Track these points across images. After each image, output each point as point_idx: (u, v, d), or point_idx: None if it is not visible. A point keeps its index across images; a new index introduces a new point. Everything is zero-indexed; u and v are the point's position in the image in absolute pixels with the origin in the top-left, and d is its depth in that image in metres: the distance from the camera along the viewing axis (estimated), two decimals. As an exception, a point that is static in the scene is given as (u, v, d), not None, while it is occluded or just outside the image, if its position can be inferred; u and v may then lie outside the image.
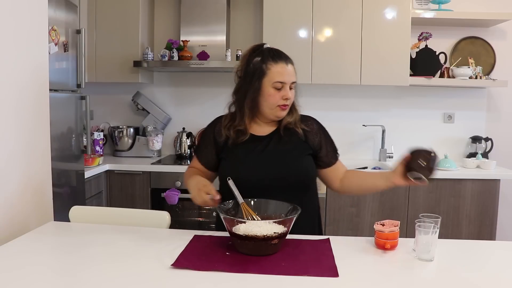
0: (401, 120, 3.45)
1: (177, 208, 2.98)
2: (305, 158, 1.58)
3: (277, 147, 1.57)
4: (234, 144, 1.57)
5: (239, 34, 3.43)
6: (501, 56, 3.37)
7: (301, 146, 1.58)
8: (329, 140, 1.65)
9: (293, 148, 1.57)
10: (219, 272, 1.16)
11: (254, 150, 1.56)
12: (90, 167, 2.85)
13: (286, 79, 1.51)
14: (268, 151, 1.56)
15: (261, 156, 1.55)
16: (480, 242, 1.42)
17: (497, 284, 1.14)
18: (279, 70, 1.51)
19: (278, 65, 1.51)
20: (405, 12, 3.05)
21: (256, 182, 1.50)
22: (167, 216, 1.64)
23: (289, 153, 1.56)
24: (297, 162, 1.55)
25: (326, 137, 1.64)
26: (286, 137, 1.58)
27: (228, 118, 1.61)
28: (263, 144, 1.58)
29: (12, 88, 1.65)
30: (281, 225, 1.29)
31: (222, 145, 1.60)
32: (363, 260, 1.28)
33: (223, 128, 1.59)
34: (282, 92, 1.51)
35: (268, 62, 1.51)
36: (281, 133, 1.58)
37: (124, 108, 3.60)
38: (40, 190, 1.83)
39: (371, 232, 1.43)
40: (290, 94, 1.52)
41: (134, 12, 3.18)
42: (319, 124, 1.66)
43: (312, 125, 1.63)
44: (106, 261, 1.25)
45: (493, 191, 2.89)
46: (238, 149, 1.57)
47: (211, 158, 1.63)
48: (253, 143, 1.58)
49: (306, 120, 1.64)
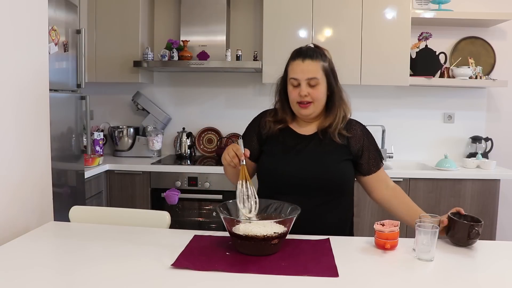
0: (401, 120, 3.45)
1: (177, 208, 2.98)
2: (343, 163, 1.56)
3: (317, 148, 1.56)
4: (273, 135, 1.60)
5: (239, 34, 3.43)
6: (501, 56, 3.37)
7: (341, 150, 1.57)
8: (373, 147, 1.62)
9: (333, 152, 1.56)
10: (219, 272, 1.16)
11: (294, 148, 1.57)
12: (90, 167, 2.85)
13: (299, 76, 1.51)
14: (307, 150, 1.56)
15: (300, 155, 1.56)
16: (480, 242, 1.42)
17: (498, 284, 1.14)
18: (294, 67, 1.53)
19: (294, 62, 1.53)
20: (405, 12, 3.05)
21: (291, 179, 1.51)
22: (167, 216, 1.64)
23: (327, 156, 1.55)
24: (334, 165, 1.54)
25: (370, 143, 1.62)
26: (327, 140, 1.57)
27: (273, 112, 1.64)
28: (304, 143, 1.58)
29: (12, 88, 1.65)
30: (281, 225, 1.29)
31: (265, 138, 1.62)
32: (363, 260, 1.28)
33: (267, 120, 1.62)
34: (298, 89, 1.52)
35: (290, 60, 1.56)
36: (319, 136, 1.58)
37: (124, 108, 3.60)
38: (40, 190, 1.83)
39: (371, 232, 1.43)
40: (306, 91, 1.50)
41: (134, 12, 3.18)
42: (364, 130, 1.63)
43: (356, 130, 1.61)
44: (106, 261, 1.24)
45: (493, 191, 2.89)
46: (278, 144, 1.59)
47: (253, 148, 1.62)
48: (294, 140, 1.59)
49: (350, 125, 1.62)
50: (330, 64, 1.57)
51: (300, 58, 1.52)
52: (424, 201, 2.88)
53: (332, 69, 1.58)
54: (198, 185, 2.97)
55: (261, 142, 1.63)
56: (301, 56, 1.53)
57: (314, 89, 1.52)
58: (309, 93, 1.51)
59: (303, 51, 1.54)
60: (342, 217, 1.60)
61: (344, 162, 1.57)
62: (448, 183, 2.88)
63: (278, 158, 1.56)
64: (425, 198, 2.89)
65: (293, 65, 1.54)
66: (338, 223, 1.57)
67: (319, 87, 1.53)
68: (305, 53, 1.53)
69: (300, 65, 1.52)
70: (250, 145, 1.63)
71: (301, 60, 1.52)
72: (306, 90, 1.51)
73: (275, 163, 1.54)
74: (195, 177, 2.97)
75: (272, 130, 1.61)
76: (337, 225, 1.56)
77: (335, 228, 1.54)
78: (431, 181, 2.88)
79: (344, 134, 1.57)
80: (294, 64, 1.53)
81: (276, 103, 1.65)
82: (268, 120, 1.62)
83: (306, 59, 1.51)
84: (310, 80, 1.51)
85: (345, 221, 1.63)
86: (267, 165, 1.56)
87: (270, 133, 1.61)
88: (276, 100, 1.64)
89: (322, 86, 1.53)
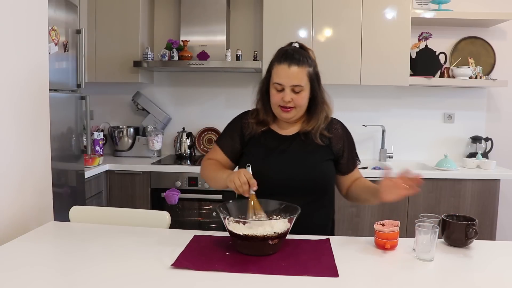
0: (401, 120, 3.45)
1: (177, 208, 2.98)
2: (325, 163, 1.57)
3: (299, 149, 1.56)
4: (255, 137, 1.59)
5: (239, 34, 3.43)
6: (501, 56, 3.37)
7: (323, 150, 1.57)
8: (352, 147, 1.63)
9: (314, 152, 1.56)
10: (219, 272, 1.16)
11: (276, 149, 1.57)
12: (90, 167, 2.85)
13: (284, 81, 1.49)
14: (289, 151, 1.56)
15: (282, 156, 1.55)
16: (480, 242, 1.42)
17: (497, 284, 1.14)
18: (279, 72, 1.50)
19: (280, 66, 1.50)
20: (405, 12, 3.05)
21: (274, 180, 1.50)
22: (167, 216, 1.64)
23: (309, 156, 1.55)
24: (316, 166, 1.55)
25: (349, 143, 1.63)
26: (309, 140, 1.57)
27: (255, 113, 1.63)
28: (286, 144, 1.58)
29: (12, 88, 1.65)
30: (281, 225, 1.29)
31: (247, 139, 1.61)
32: (363, 260, 1.28)
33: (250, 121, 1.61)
34: (282, 94, 1.50)
35: (274, 62, 1.53)
36: (301, 137, 1.58)
37: (124, 108, 3.59)
38: (40, 190, 1.83)
39: (371, 232, 1.43)
40: (289, 97, 1.49)
41: (134, 12, 3.18)
42: (344, 130, 1.64)
43: (337, 130, 1.61)
44: (106, 261, 1.25)
45: (493, 191, 2.89)
46: (261, 145, 1.58)
47: (235, 148, 1.62)
48: (276, 141, 1.59)
49: (332, 125, 1.61)
50: (314, 68, 1.55)
51: (286, 63, 1.49)
52: (424, 201, 2.88)
53: (317, 74, 1.56)
54: (198, 185, 2.97)
55: (243, 143, 1.62)
56: (287, 61, 1.49)
57: (298, 95, 1.50)
58: (293, 99, 1.50)
59: (289, 54, 1.51)
60: (324, 216, 1.61)
61: (327, 162, 1.58)
62: (448, 183, 2.88)
63: (261, 159, 1.54)
64: (425, 198, 2.89)
65: (278, 69, 1.51)
66: (321, 223, 1.58)
67: (302, 93, 1.51)
68: (292, 57, 1.49)
69: (286, 70, 1.49)
70: (232, 145, 1.63)
71: (287, 65, 1.49)
72: (290, 96, 1.50)
73: (257, 165, 1.50)
74: (195, 177, 2.97)
75: (255, 131, 1.60)
76: (320, 224, 1.57)
77: (318, 227, 1.54)
78: (431, 181, 2.88)
79: (326, 135, 1.58)
80: (280, 69, 1.50)
81: (257, 102, 1.63)
82: (251, 121, 1.61)
83: (292, 65, 1.48)
84: (294, 87, 1.49)
85: (327, 220, 1.64)
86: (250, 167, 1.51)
87: (252, 134, 1.60)
88: (257, 99, 1.63)
89: (305, 93, 1.52)
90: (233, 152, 1.63)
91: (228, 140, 1.64)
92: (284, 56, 1.51)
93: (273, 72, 1.52)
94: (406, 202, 2.89)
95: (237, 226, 1.28)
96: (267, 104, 1.59)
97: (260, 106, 1.61)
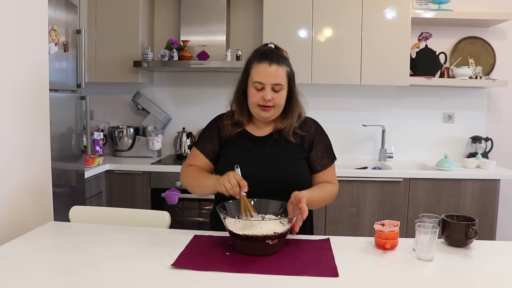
0: (401, 120, 3.45)
1: (177, 208, 2.98)
2: (299, 162, 1.58)
3: (273, 149, 1.57)
4: (230, 138, 1.59)
5: (239, 34, 3.43)
6: (501, 56, 3.37)
7: (296, 149, 1.58)
8: (324, 146, 1.61)
9: (288, 151, 1.57)
10: (219, 272, 1.16)
11: (250, 150, 1.58)
12: (90, 167, 2.85)
13: (265, 80, 1.50)
14: (263, 152, 1.57)
15: (256, 157, 1.56)
16: (480, 242, 1.42)
17: (497, 284, 1.14)
18: (259, 71, 1.51)
19: (260, 65, 1.51)
20: (405, 12, 3.05)
21: (249, 181, 1.46)
22: (167, 216, 1.64)
23: (283, 155, 1.56)
24: (290, 165, 1.55)
25: (320, 141, 1.61)
26: (282, 140, 1.58)
27: (230, 115, 1.63)
28: (260, 144, 1.59)
29: (12, 88, 1.65)
30: (281, 225, 1.29)
31: (223, 142, 1.62)
32: (363, 260, 1.28)
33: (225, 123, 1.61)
34: (262, 93, 1.51)
35: (253, 61, 1.54)
36: (274, 136, 1.58)
37: (124, 108, 3.59)
38: (40, 190, 1.83)
39: (371, 232, 1.43)
40: (270, 96, 1.50)
41: (134, 12, 3.18)
42: (318, 128, 1.64)
43: (310, 128, 1.62)
44: (106, 261, 1.25)
45: (493, 191, 2.89)
46: (235, 147, 1.59)
47: (215, 150, 1.62)
48: (250, 142, 1.59)
49: (305, 123, 1.62)
50: (291, 68, 1.57)
51: (266, 62, 1.50)
52: (424, 201, 2.88)
53: (293, 73, 1.57)
54: (198, 185, 2.96)
55: (220, 144, 1.63)
56: (267, 60, 1.50)
57: (277, 94, 1.52)
58: (272, 98, 1.51)
59: (268, 54, 1.52)
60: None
61: (300, 161, 1.58)
62: (448, 183, 2.88)
63: (235, 161, 1.51)
64: (425, 198, 2.89)
65: (258, 68, 1.51)
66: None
67: (282, 93, 1.53)
68: (271, 56, 1.51)
69: (267, 69, 1.50)
70: (212, 148, 1.63)
71: (268, 64, 1.50)
72: (270, 95, 1.50)
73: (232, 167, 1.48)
74: (195, 177, 2.96)
75: (230, 133, 1.60)
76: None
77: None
78: (431, 181, 2.88)
79: (298, 133, 1.59)
80: (260, 67, 1.51)
81: (232, 103, 1.63)
82: (226, 123, 1.61)
83: (272, 64, 1.49)
84: (275, 85, 1.50)
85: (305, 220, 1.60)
86: (226, 169, 1.48)
87: (228, 136, 1.61)
88: (233, 99, 1.62)
89: (284, 92, 1.54)
90: (214, 155, 1.63)
91: (207, 143, 1.64)
92: (263, 56, 1.52)
93: (253, 71, 1.53)
94: (406, 202, 2.89)
95: (237, 226, 1.28)
96: (243, 104, 1.59)
97: (235, 106, 1.62)
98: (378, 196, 2.89)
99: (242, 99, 1.59)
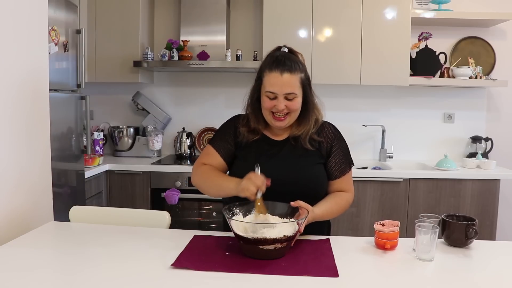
0: (401, 120, 3.45)
1: (177, 208, 2.98)
2: (316, 167, 1.55)
3: (290, 153, 1.55)
4: (247, 143, 1.57)
5: (239, 34, 3.43)
6: (501, 56, 3.37)
7: (314, 154, 1.55)
8: (342, 151, 1.59)
9: (306, 156, 1.54)
10: (219, 272, 1.16)
11: (267, 154, 1.55)
12: (90, 167, 2.85)
13: (277, 90, 1.46)
14: (280, 156, 1.55)
15: (273, 160, 1.53)
16: (480, 242, 1.42)
17: (497, 284, 1.14)
18: (271, 80, 1.46)
19: (271, 74, 1.46)
20: (405, 12, 3.05)
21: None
22: (167, 216, 1.64)
23: (301, 160, 1.53)
24: (307, 170, 1.53)
25: (339, 147, 1.58)
26: (299, 145, 1.55)
27: (245, 119, 1.59)
28: (277, 148, 1.56)
29: (12, 88, 1.65)
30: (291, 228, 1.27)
31: (239, 143, 1.58)
32: (363, 260, 1.28)
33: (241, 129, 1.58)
34: (275, 102, 1.47)
35: (265, 69, 1.49)
36: (291, 141, 1.56)
37: (124, 108, 3.59)
38: (40, 190, 1.83)
39: (371, 232, 1.43)
40: (283, 105, 1.46)
41: (134, 12, 3.18)
42: (335, 132, 1.60)
43: (327, 133, 1.58)
44: (106, 261, 1.25)
45: (493, 191, 2.88)
46: (252, 150, 1.56)
47: (231, 151, 1.59)
48: (267, 146, 1.57)
49: (322, 128, 1.59)
50: (306, 73, 1.52)
51: (278, 70, 1.45)
52: (424, 201, 2.89)
53: (308, 78, 1.53)
54: (198, 185, 2.96)
55: (236, 146, 1.60)
56: (279, 68, 1.45)
57: (291, 102, 1.48)
58: (286, 106, 1.48)
59: (280, 61, 1.46)
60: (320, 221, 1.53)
61: (317, 166, 1.55)
62: (448, 183, 2.88)
63: (252, 164, 1.47)
64: (425, 198, 2.89)
65: (270, 77, 1.46)
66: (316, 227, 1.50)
67: (296, 99, 1.48)
68: (283, 64, 1.45)
69: (278, 78, 1.45)
70: (228, 148, 1.60)
71: (279, 73, 1.44)
72: (283, 104, 1.47)
73: (249, 169, 1.44)
74: (195, 177, 2.96)
75: (247, 139, 1.57)
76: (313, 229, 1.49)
77: (312, 232, 1.48)
78: (431, 181, 2.88)
79: (316, 139, 1.55)
80: (271, 77, 1.46)
81: (247, 107, 1.59)
82: (242, 130, 1.58)
83: (284, 72, 1.44)
84: (288, 94, 1.46)
85: (323, 225, 1.58)
86: (241, 171, 1.46)
87: (244, 141, 1.58)
88: (247, 104, 1.59)
89: (299, 98, 1.49)
90: (229, 156, 1.60)
91: (223, 142, 1.61)
92: (275, 63, 1.47)
93: (265, 80, 1.49)
94: (406, 202, 2.89)
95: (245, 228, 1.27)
96: (258, 111, 1.55)
97: (251, 115, 1.58)
98: (378, 196, 2.89)
99: (256, 107, 1.56)
